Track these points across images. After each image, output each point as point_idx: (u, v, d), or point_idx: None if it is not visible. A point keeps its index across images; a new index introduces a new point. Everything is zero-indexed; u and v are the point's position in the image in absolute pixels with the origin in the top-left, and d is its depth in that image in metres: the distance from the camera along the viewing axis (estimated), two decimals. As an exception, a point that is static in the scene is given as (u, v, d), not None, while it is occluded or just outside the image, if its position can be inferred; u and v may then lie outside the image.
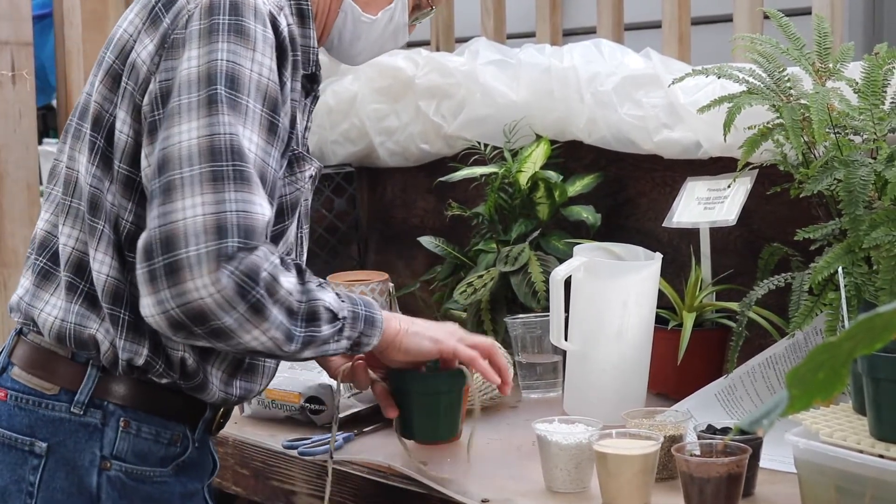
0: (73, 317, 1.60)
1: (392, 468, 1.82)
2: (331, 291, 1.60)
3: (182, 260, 1.42)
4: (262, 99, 1.52)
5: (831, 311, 1.85)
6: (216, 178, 1.45)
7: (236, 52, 1.51)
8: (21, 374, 1.63)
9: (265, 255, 1.47)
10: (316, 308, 1.55)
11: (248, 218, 1.45)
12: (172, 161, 1.46)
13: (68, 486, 1.59)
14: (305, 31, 1.68)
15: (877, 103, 1.94)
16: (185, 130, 1.48)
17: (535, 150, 2.56)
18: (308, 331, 1.54)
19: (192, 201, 1.44)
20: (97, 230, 1.58)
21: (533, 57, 2.63)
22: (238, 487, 2.08)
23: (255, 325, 1.47)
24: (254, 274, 1.45)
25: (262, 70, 1.52)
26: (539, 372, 2.25)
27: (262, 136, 1.52)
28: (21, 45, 2.95)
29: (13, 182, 3.02)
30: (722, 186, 2.23)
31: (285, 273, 1.51)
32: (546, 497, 1.73)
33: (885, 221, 1.81)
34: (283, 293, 1.49)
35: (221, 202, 1.44)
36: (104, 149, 1.59)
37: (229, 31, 1.51)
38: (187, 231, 1.43)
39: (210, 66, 1.50)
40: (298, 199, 1.66)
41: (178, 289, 1.42)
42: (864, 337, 0.83)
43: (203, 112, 1.48)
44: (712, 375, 2.07)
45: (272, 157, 1.53)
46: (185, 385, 1.62)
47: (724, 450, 1.61)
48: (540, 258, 2.45)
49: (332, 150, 3.07)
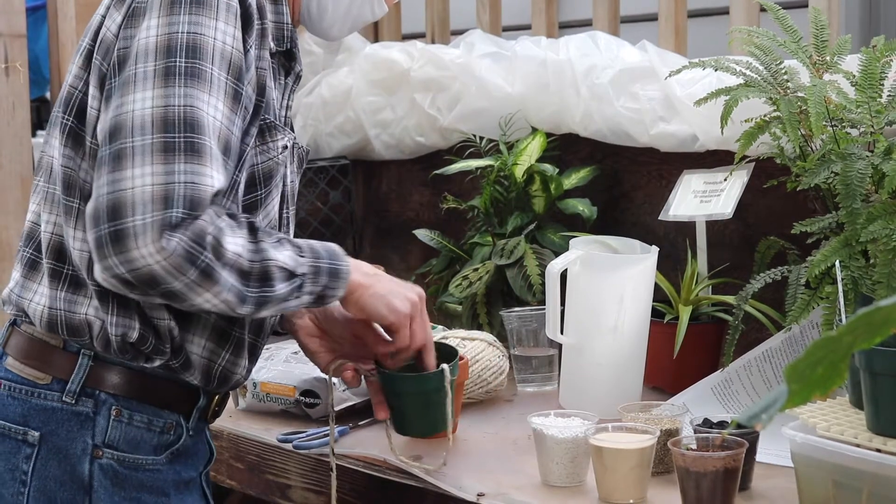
0: (61, 303, 1.60)
1: (388, 462, 1.82)
2: (288, 248, 1.57)
3: (128, 228, 1.43)
4: (227, 67, 1.52)
5: (828, 304, 1.85)
6: (167, 148, 1.46)
7: (198, 22, 1.51)
8: (14, 364, 1.64)
9: (210, 218, 1.47)
10: (268, 268, 1.53)
11: (195, 189, 1.46)
12: (124, 129, 1.47)
13: (61, 475, 1.60)
14: (278, 7, 1.67)
15: (874, 96, 1.93)
16: (140, 99, 1.48)
17: (531, 143, 2.56)
18: (262, 291, 1.53)
19: (140, 171, 1.45)
20: (73, 208, 1.59)
21: (529, 49, 2.62)
22: (233, 481, 2.08)
23: (205, 289, 1.48)
24: (199, 239, 1.45)
25: (226, 38, 1.52)
26: (535, 365, 2.24)
27: (226, 104, 1.52)
28: (14, 37, 2.94)
29: (7, 175, 3.01)
30: (718, 179, 2.23)
31: (233, 233, 1.50)
32: (542, 491, 1.73)
33: (882, 215, 1.81)
34: (230, 255, 1.49)
35: (171, 173, 1.45)
36: (76, 127, 1.60)
37: (191, 2, 1.51)
38: (135, 200, 1.44)
39: (171, 37, 1.50)
40: (272, 168, 1.66)
41: (124, 256, 1.44)
42: (863, 331, 0.82)
43: (160, 82, 1.48)
44: (708, 369, 2.07)
45: (236, 126, 1.54)
46: (174, 363, 1.62)
47: (721, 444, 1.61)
48: (536, 251, 2.44)
49: (327, 143, 3.06)
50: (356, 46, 3.08)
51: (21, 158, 3.03)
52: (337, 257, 1.63)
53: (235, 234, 1.51)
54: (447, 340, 2.17)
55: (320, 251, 1.62)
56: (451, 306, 2.56)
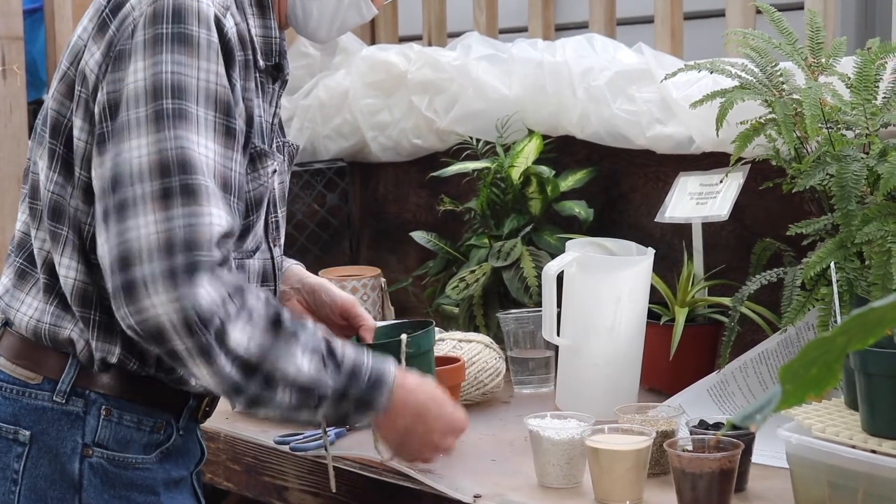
0: (48, 317, 1.62)
1: (384, 464, 1.82)
2: (316, 357, 1.54)
3: (137, 279, 1.46)
4: (214, 105, 1.53)
5: (823, 306, 1.85)
6: (166, 195, 1.48)
7: (181, 62, 1.51)
8: (6, 364, 1.65)
9: (222, 295, 1.47)
10: (273, 375, 1.51)
11: (193, 231, 1.47)
12: (124, 179, 1.49)
13: (51, 473, 1.61)
14: (266, 21, 1.67)
15: (869, 98, 1.94)
16: (136, 147, 1.49)
17: (528, 145, 2.56)
18: (261, 394, 1.52)
19: (144, 220, 1.47)
20: (60, 236, 1.60)
21: (525, 52, 2.62)
22: (230, 483, 2.08)
23: (202, 365, 1.48)
24: (209, 314, 1.46)
25: (210, 76, 1.52)
26: (531, 367, 2.24)
27: (219, 143, 1.53)
28: (12, 39, 2.94)
29: (4, 177, 3.01)
30: (714, 181, 2.23)
31: (249, 322, 1.49)
32: (538, 492, 1.73)
33: (877, 216, 1.81)
34: (233, 344, 1.48)
35: (171, 219, 1.47)
36: (65, 155, 1.61)
37: (173, 41, 1.51)
38: (141, 249, 1.46)
39: (156, 79, 1.50)
40: (263, 194, 1.66)
41: (135, 306, 1.46)
42: (857, 332, 0.83)
43: (151, 128, 1.49)
44: (704, 370, 2.07)
45: (234, 161, 1.55)
46: (166, 378, 1.63)
47: (717, 445, 1.61)
48: (532, 253, 2.44)
49: (323, 145, 3.06)
50: (353, 48, 3.08)
51: (18, 161, 3.03)
52: (378, 386, 1.59)
53: (251, 323, 1.50)
54: (444, 342, 2.18)
55: (360, 374, 1.58)
56: (447, 308, 2.56)
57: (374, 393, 1.58)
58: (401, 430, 1.64)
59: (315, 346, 1.54)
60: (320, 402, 1.55)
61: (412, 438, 1.66)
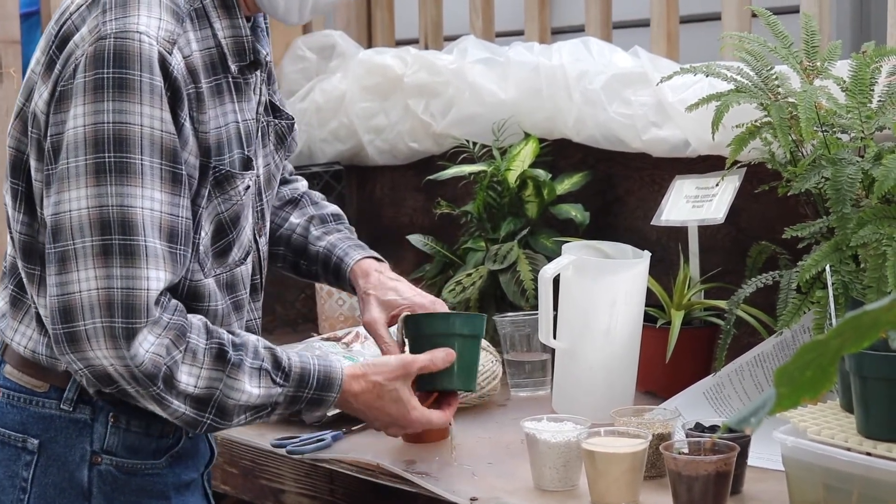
0: (43, 349, 1.62)
1: (381, 467, 1.82)
2: (266, 377, 1.60)
3: (81, 332, 1.50)
4: (160, 152, 1.52)
5: (819, 309, 1.86)
6: (105, 251, 1.50)
7: (123, 109, 1.49)
8: (13, 373, 1.65)
9: (164, 345, 1.51)
10: (226, 404, 1.57)
11: (131, 295, 1.49)
12: (65, 230, 1.50)
13: (60, 482, 1.61)
14: (234, 21, 1.64)
15: (864, 101, 1.94)
16: (75, 198, 1.50)
17: (524, 148, 2.56)
18: (218, 422, 1.59)
19: (85, 274, 1.49)
20: (34, 276, 1.60)
21: (521, 55, 2.63)
22: (227, 486, 2.08)
23: (157, 407, 1.55)
24: (154, 369, 1.51)
25: (154, 122, 1.51)
26: (528, 370, 2.25)
27: (165, 190, 1.53)
28: (8, 43, 2.93)
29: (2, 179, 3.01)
30: (710, 185, 2.23)
31: (193, 363, 1.54)
32: (534, 495, 1.73)
33: (872, 220, 1.82)
34: (183, 387, 1.54)
35: (110, 277, 1.50)
36: (27, 192, 1.61)
37: (114, 87, 1.49)
38: (83, 304, 1.49)
39: (97, 129, 1.49)
40: (238, 212, 1.65)
41: (80, 354, 1.50)
42: (851, 335, 0.83)
43: (91, 180, 1.49)
44: (700, 373, 2.08)
45: (181, 207, 1.55)
46: None
47: (713, 448, 1.61)
48: (528, 256, 2.45)
49: (320, 149, 3.06)
50: (350, 52, 3.08)
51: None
52: (326, 388, 1.66)
53: (196, 363, 1.54)
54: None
55: (309, 379, 1.65)
56: (444, 311, 2.56)
57: (324, 392, 1.66)
58: (359, 413, 1.74)
59: (259, 366, 1.60)
60: (274, 409, 1.63)
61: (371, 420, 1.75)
